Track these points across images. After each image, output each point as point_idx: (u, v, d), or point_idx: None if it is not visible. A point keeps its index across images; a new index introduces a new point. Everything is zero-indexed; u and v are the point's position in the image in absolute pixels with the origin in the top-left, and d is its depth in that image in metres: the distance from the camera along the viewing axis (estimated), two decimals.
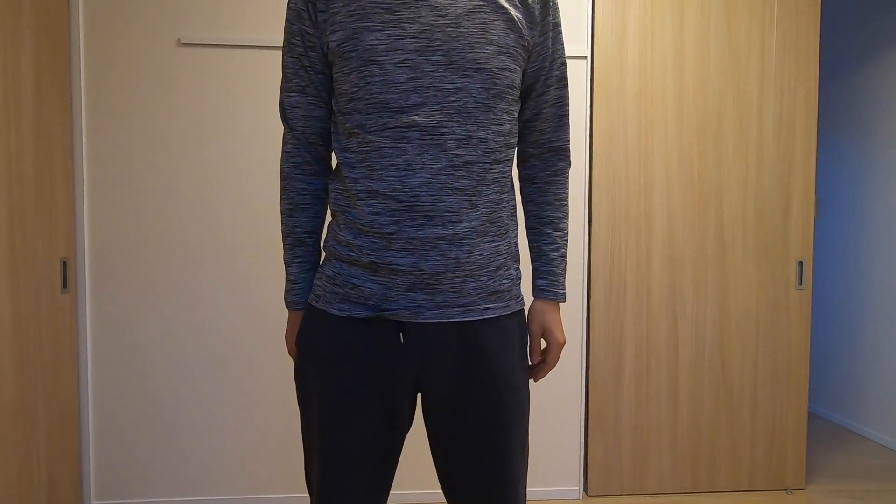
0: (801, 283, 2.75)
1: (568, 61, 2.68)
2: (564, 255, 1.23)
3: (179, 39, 2.44)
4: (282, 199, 1.19)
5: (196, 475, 2.54)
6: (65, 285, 2.30)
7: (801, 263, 2.74)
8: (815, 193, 2.75)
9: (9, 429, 1.98)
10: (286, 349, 2.53)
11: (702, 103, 2.68)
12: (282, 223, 1.20)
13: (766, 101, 2.70)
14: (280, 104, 1.17)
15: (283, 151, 1.19)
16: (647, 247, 2.69)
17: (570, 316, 2.66)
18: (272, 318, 2.53)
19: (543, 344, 1.24)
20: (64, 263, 2.30)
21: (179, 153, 2.47)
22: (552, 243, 1.22)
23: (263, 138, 2.50)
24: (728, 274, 2.73)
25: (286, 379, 2.54)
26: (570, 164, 1.26)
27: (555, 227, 1.23)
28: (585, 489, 2.74)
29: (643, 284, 2.69)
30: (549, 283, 1.21)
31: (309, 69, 1.12)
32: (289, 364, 2.54)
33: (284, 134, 1.18)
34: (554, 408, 2.67)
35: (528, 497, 2.65)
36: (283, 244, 1.20)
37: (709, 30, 2.67)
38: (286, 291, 1.20)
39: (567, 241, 1.25)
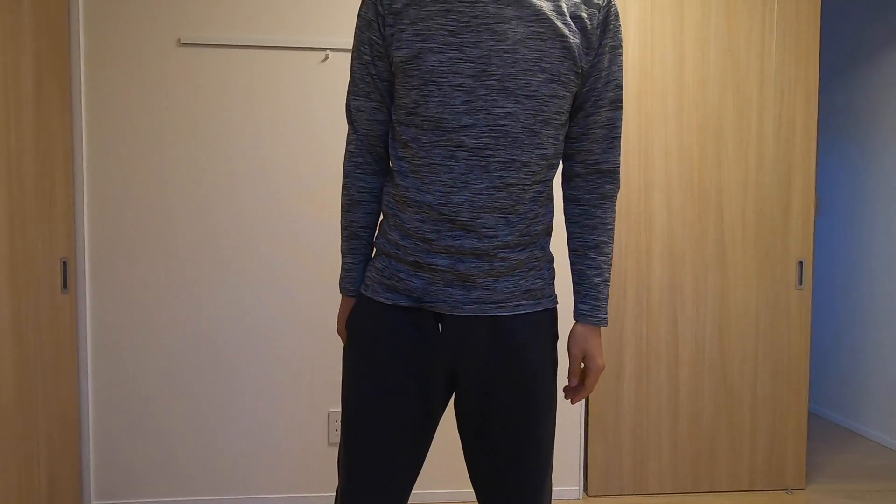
0: (801, 282, 2.75)
1: None
2: (608, 280, 1.24)
3: (179, 39, 2.44)
4: (342, 195, 1.27)
5: (196, 476, 2.54)
6: (65, 285, 2.30)
7: (801, 263, 2.74)
8: (815, 193, 2.75)
9: (9, 429, 1.98)
10: (286, 349, 2.54)
11: (702, 103, 2.68)
12: (341, 216, 1.28)
13: (766, 101, 2.70)
14: (346, 106, 1.24)
15: (347, 151, 1.26)
16: (647, 247, 2.69)
17: (571, 316, 2.66)
18: (272, 318, 2.53)
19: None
20: (64, 264, 2.30)
21: (179, 153, 2.47)
22: (596, 268, 1.23)
23: (263, 138, 2.50)
24: (728, 274, 2.73)
25: (286, 379, 2.55)
26: (619, 187, 1.26)
27: (600, 251, 1.23)
28: (585, 489, 2.74)
29: (643, 284, 2.69)
30: (593, 307, 1.23)
31: (375, 77, 1.19)
32: (288, 364, 2.55)
33: (349, 134, 1.25)
34: None
35: None
36: (341, 236, 1.28)
37: (709, 30, 2.67)
38: (341, 279, 1.28)
39: (611, 265, 1.25)
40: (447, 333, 1.15)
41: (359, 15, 1.18)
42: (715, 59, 2.68)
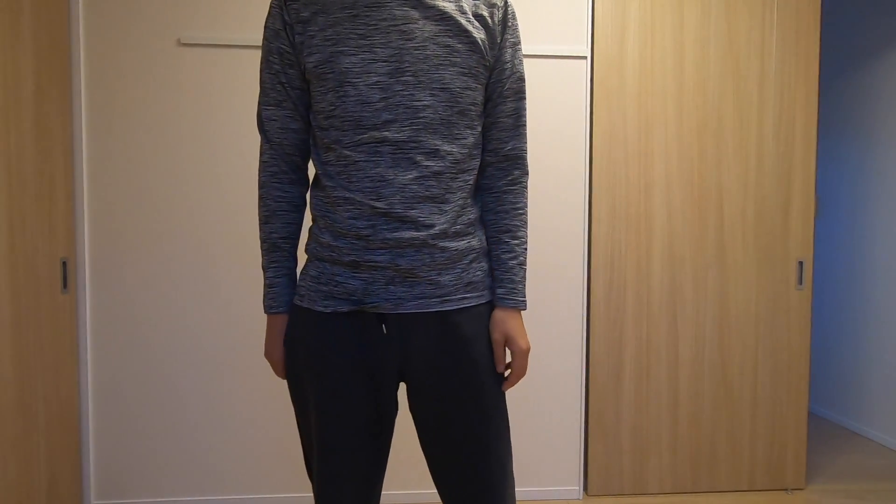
0: (801, 283, 2.75)
1: (568, 61, 2.69)
2: (523, 264, 1.26)
3: (179, 39, 2.44)
4: (259, 206, 1.25)
5: (196, 475, 2.54)
6: (65, 285, 2.30)
7: (801, 263, 2.74)
8: (815, 193, 2.75)
9: (9, 429, 1.98)
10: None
11: (702, 103, 2.68)
12: (260, 230, 1.25)
13: (766, 101, 2.70)
14: (258, 116, 1.23)
15: (261, 162, 1.24)
16: (647, 247, 2.69)
17: (570, 316, 2.66)
18: None
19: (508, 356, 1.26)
20: (64, 263, 2.30)
21: (179, 153, 2.47)
22: (510, 251, 1.25)
23: None
24: (728, 274, 2.73)
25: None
26: (526, 174, 1.29)
27: (512, 235, 1.25)
28: (585, 489, 2.74)
29: (643, 284, 2.69)
30: (509, 290, 1.23)
31: (286, 84, 1.19)
32: None
33: (261, 145, 1.24)
34: (554, 408, 2.67)
35: (528, 497, 2.65)
36: (261, 250, 1.25)
37: (709, 30, 2.67)
38: (264, 296, 1.25)
39: (525, 249, 1.27)
40: (392, 333, 1.14)
41: (265, 26, 1.19)
42: (715, 59, 2.68)
